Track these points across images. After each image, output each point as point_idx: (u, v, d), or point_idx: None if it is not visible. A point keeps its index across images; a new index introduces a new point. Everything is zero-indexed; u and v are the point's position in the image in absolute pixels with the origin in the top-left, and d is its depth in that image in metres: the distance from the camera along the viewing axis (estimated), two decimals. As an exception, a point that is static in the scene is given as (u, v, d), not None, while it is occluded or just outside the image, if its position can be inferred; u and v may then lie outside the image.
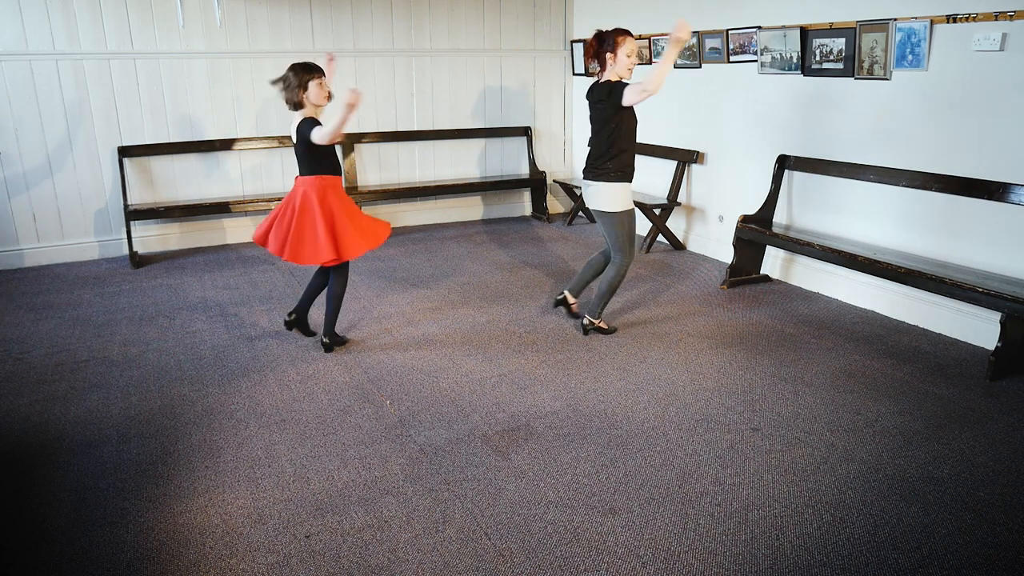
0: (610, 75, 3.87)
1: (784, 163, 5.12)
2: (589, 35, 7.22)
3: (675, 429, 3.15)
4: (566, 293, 4.42)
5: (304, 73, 3.64)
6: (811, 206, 5.05)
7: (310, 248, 3.69)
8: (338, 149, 3.63)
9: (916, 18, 4.11)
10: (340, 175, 3.83)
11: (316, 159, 3.70)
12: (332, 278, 3.91)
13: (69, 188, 5.78)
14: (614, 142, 3.90)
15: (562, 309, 4.63)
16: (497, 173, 7.47)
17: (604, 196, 3.97)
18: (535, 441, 3.05)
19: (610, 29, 3.87)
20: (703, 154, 5.96)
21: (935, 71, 4.12)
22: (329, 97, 3.73)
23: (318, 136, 3.54)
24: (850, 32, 4.46)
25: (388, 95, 6.78)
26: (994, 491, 2.68)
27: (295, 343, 4.13)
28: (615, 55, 3.82)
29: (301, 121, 3.64)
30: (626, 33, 3.84)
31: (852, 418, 3.24)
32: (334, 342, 4.04)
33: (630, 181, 3.99)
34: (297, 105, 3.68)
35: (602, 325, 4.22)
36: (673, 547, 2.39)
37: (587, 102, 4.04)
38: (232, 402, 3.43)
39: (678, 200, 6.18)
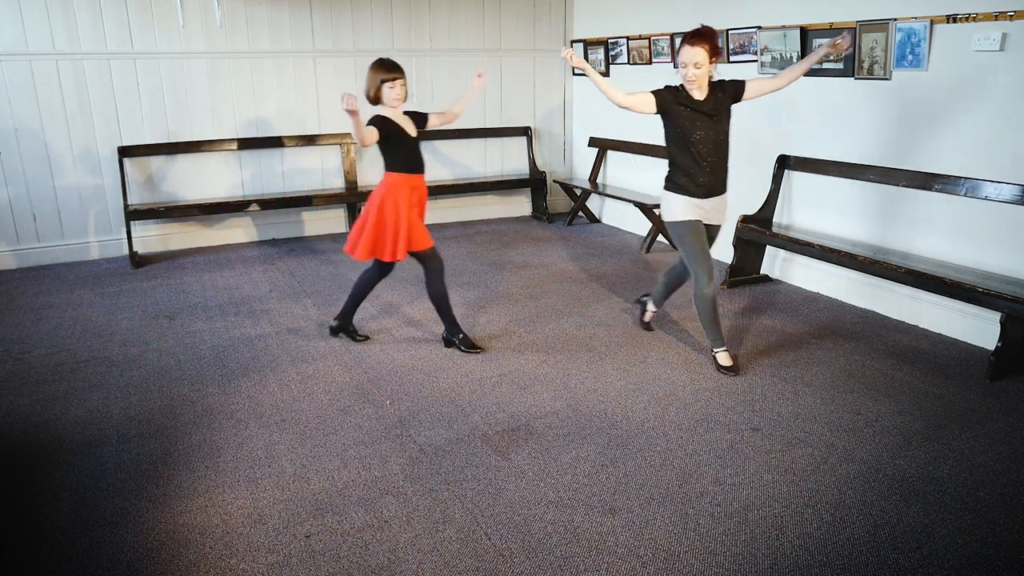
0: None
1: (784, 163, 5.12)
2: (589, 35, 7.31)
3: (675, 429, 3.15)
4: (646, 300, 4.26)
5: (381, 71, 3.63)
6: (811, 206, 5.05)
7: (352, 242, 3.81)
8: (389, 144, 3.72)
9: (916, 18, 4.11)
10: (405, 172, 3.73)
11: (383, 153, 3.74)
12: (425, 276, 3.92)
13: (69, 188, 5.78)
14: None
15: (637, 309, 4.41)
16: (497, 173, 7.47)
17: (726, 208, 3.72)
18: (535, 441, 3.06)
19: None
20: (703, 154, 5.95)
21: (935, 71, 4.12)
22: (404, 98, 3.70)
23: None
24: (850, 32, 4.45)
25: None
26: (994, 491, 2.68)
27: (295, 343, 4.13)
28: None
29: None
30: (684, 39, 3.44)
31: (852, 418, 3.24)
32: (460, 342, 4.01)
33: None
34: (374, 100, 3.68)
35: (718, 357, 3.74)
36: (673, 547, 2.39)
37: (693, 113, 3.53)
38: (232, 402, 3.43)
39: (678, 200, 6.17)
